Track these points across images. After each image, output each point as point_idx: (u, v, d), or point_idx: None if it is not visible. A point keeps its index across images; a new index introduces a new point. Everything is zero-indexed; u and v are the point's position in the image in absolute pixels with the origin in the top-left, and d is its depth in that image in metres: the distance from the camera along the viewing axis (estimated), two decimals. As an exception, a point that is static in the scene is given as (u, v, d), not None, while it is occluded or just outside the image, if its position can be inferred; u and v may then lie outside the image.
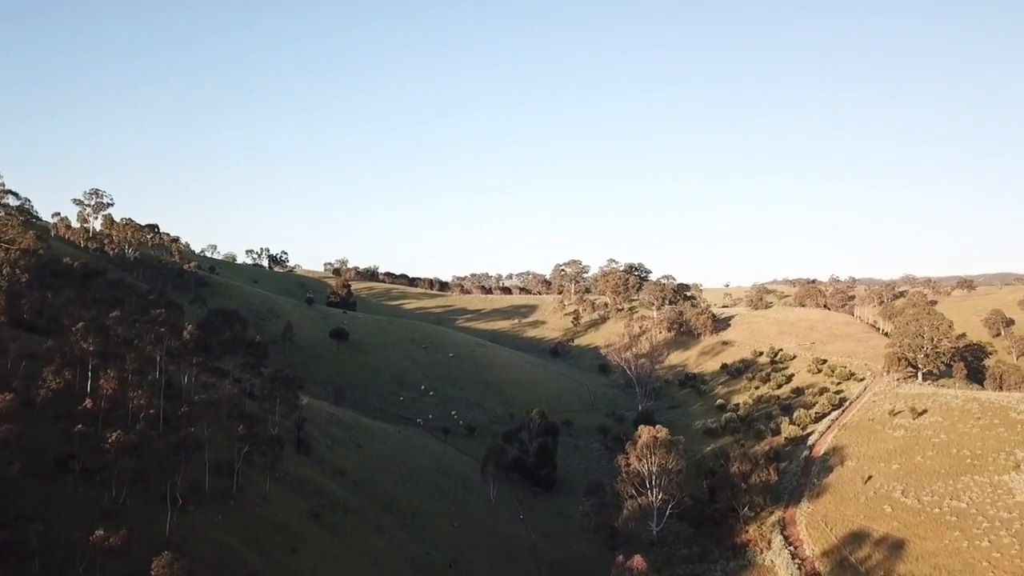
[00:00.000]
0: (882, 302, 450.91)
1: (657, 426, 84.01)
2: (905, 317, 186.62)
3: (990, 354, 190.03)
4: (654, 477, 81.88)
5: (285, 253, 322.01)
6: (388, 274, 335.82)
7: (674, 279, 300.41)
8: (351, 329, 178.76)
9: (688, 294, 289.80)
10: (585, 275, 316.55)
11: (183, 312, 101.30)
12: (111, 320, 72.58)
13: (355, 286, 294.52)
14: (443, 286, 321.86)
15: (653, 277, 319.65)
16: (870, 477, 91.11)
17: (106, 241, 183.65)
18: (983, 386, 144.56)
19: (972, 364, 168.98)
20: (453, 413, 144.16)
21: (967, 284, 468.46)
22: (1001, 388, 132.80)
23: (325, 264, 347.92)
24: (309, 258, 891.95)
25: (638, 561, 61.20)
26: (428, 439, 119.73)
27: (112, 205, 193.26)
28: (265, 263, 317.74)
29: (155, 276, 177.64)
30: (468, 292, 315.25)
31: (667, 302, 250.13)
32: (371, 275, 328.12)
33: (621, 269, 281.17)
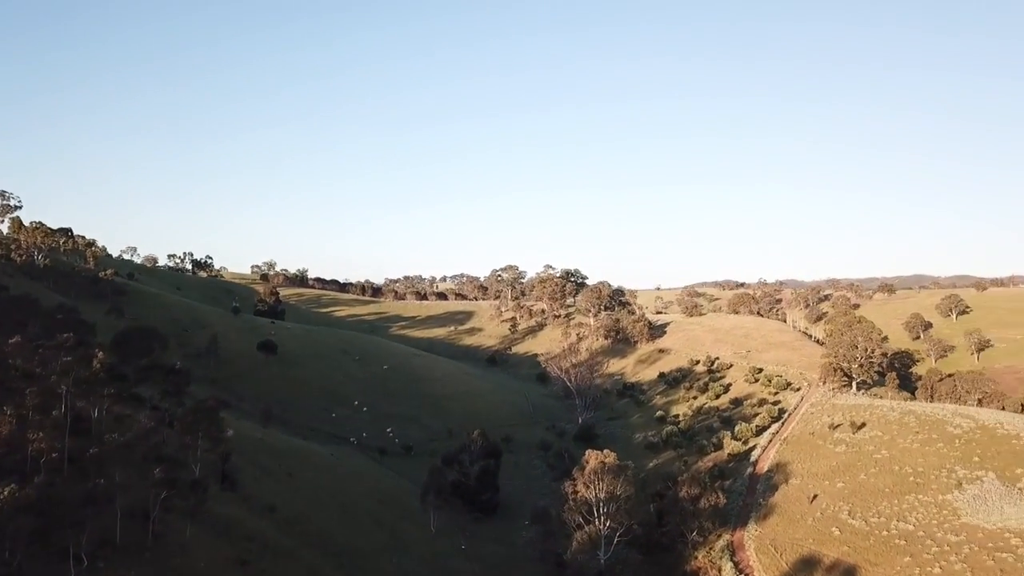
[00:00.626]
0: (808, 305, 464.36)
1: (605, 451, 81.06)
2: (836, 324, 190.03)
3: (917, 361, 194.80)
4: (602, 504, 78.84)
5: (210, 257, 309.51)
6: (318, 280, 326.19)
7: (610, 285, 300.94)
8: (280, 340, 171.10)
9: (624, 300, 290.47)
10: (522, 281, 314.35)
11: (95, 331, 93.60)
12: (10, 347, 65.28)
13: (284, 292, 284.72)
14: (376, 292, 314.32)
15: (589, 283, 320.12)
16: (816, 496, 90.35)
17: (13, 247, 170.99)
18: (914, 395, 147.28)
19: (901, 372, 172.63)
20: (389, 430, 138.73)
21: (888, 288, 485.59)
22: (932, 398, 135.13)
23: (252, 267, 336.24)
24: (236, 261, 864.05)
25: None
26: (363, 461, 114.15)
27: (20, 208, 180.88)
28: (189, 267, 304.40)
29: (68, 285, 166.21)
30: (402, 298, 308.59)
31: (603, 308, 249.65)
32: (300, 280, 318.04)
33: (558, 275, 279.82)
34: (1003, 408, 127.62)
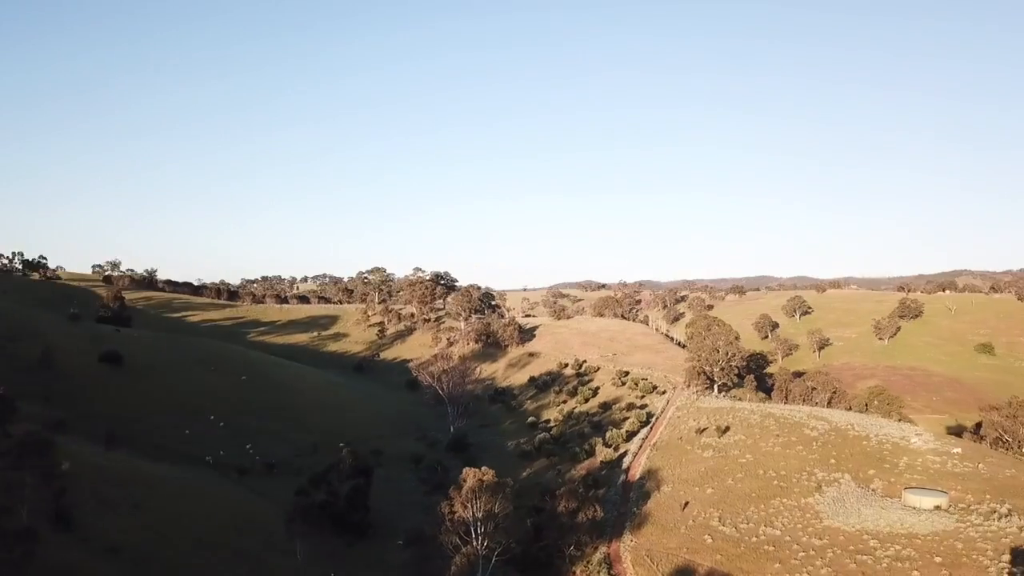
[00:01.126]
0: (666, 306, 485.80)
1: (483, 468, 78.35)
2: (696, 328, 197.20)
3: (771, 362, 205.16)
4: (480, 524, 76.13)
5: (44, 257, 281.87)
6: (169, 282, 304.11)
7: (480, 288, 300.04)
8: (126, 350, 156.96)
9: (493, 303, 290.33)
10: (390, 283, 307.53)
11: None
12: None
13: (131, 296, 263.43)
14: (232, 295, 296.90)
15: (459, 286, 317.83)
16: (687, 503, 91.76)
17: None
18: (771, 395, 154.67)
19: (757, 373, 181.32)
20: (249, 447, 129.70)
21: (738, 290, 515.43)
22: (787, 399, 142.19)
23: (94, 267, 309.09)
24: (75, 260, 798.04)
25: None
26: (221, 483, 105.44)
27: None
28: (19, 267, 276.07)
29: None
30: (261, 301, 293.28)
31: (474, 312, 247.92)
32: (149, 283, 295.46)
33: (427, 278, 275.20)
34: (850, 408, 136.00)
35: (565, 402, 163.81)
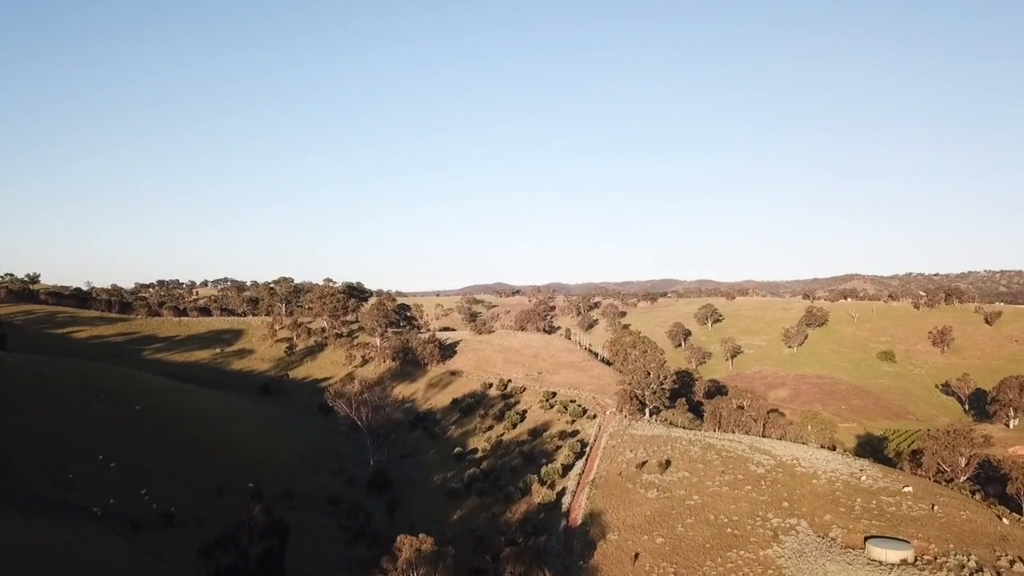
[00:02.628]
0: (579, 312, 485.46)
1: (421, 535, 69.04)
2: (622, 344, 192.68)
3: (696, 379, 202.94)
4: (417, 600, 66.96)
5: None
6: (53, 293, 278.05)
7: (394, 298, 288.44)
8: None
9: (409, 314, 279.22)
10: (298, 294, 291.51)
11: None
12: None
13: (7, 310, 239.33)
14: (125, 306, 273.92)
15: (372, 297, 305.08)
16: (637, 555, 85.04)
17: None
18: (702, 419, 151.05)
19: (686, 394, 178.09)
20: (143, 492, 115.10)
21: (650, 297, 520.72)
22: (720, 425, 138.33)
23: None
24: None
25: None
26: (109, 545, 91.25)
27: None
28: None
29: None
30: (157, 314, 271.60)
31: (390, 325, 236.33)
32: (28, 295, 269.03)
33: (339, 289, 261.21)
34: (784, 435, 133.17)
35: (491, 427, 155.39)
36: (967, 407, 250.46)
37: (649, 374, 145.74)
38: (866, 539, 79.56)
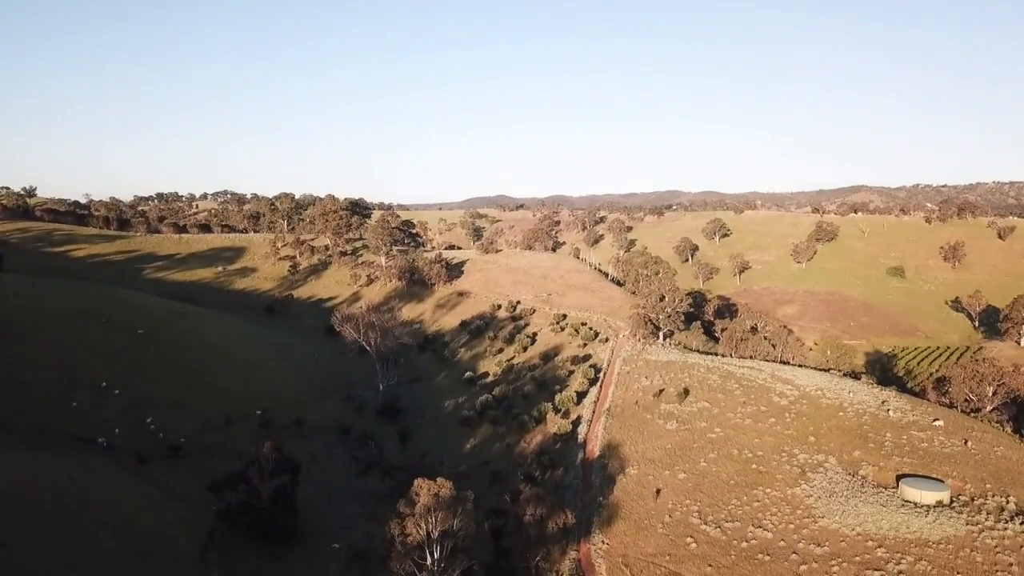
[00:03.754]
0: (585, 227, 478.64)
1: (438, 480, 65.96)
2: (634, 265, 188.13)
3: (708, 301, 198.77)
4: (436, 544, 64.46)
5: None
6: (49, 210, 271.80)
7: (397, 214, 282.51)
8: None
9: (414, 231, 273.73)
10: (300, 210, 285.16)
11: None
12: None
13: (1, 228, 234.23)
14: (124, 223, 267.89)
15: (374, 210, 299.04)
16: (659, 491, 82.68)
17: None
18: (717, 341, 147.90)
19: (700, 316, 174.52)
20: (149, 421, 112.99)
21: (657, 211, 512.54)
22: (737, 350, 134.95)
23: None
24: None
25: None
26: (116, 480, 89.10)
27: None
28: None
29: None
30: (157, 231, 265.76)
31: (394, 243, 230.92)
32: (24, 212, 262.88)
33: (342, 206, 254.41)
34: (804, 361, 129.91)
35: (501, 351, 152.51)
36: (977, 324, 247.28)
37: (664, 297, 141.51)
38: (898, 478, 76.85)
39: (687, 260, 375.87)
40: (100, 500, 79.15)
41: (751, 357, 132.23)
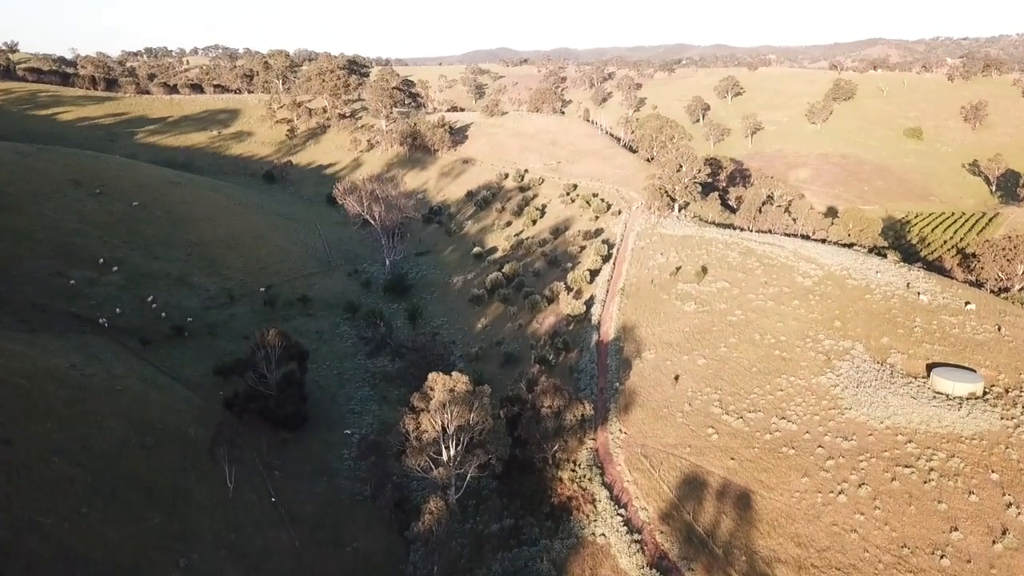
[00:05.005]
0: (592, 84, 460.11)
1: (453, 374, 63.09)
2: (647, 129, 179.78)
3: (724, 167, 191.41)
4: (452, 440, 62.53)
5: None
6: (32, 69, 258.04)
7: (398, 74, 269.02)
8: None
9: (414, 91, 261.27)
10: (296, 68, 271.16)
11: None
12: None
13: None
14: (111, 83, 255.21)
15: (372, 67, 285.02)
16: (678, 377, 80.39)
17: None
18: (734, 211, 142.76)
19: (715, 184, 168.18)
20: (150, 299, 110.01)
21: (668, 67, 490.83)
22: (755, 222, 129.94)
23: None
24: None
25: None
26: (119, 365, 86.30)
27: None
28: None
29: None
30: (147, 92, 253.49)
31: (395, 105, 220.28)
32: (5, 71, 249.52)
33: (339, 65, 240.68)
34: (826, 236, 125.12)
35: (510, 223, 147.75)
36: (994, 189, 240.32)
37: (681, 167, 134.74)
38: (929, 367, 74.06)
39: (698, 120, 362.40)
40: (104, 387, 76.92)
41: (769, 231, 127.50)
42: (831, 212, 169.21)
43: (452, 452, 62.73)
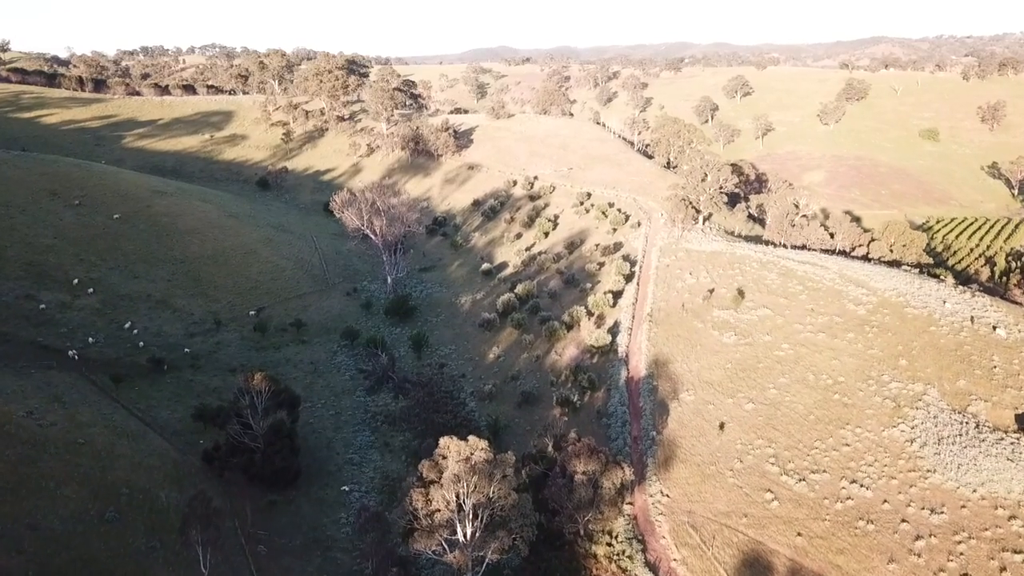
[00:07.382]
0: (597, 84, 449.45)
1: (470, 438, 52.90)
2: (664, 133, 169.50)
3: (745, 173, 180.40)
4: (467, 516, 52.29)
5: None
6: (16, 69, 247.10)
7: (398, 75, 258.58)
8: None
9: (416, 92, 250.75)
10: (292, 71, 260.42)
11: None
12: None
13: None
14: (100, 84, 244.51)
15: (371, 67, 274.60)
16: (723, 425, 70.23)
17: None
18: (759, 221, 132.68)
19: (737, 194, 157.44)
20: (128, 325, 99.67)
21: (674, 66, 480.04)
22: (787, 236, 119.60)
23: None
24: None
25: None
26: (85, 405, 75.99)
27: None
28: None
29: None
30: (137, 93, 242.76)
31: (396, 107, 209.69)
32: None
33: (338, 64, 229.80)
34: (867, 253, 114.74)
35: (520, 235, 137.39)
36: (1016, 192, 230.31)
37: (707, 176, 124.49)
38: (1018, 418, 63.84)
39: (707, 121, 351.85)
40: (64, 441, 66.50)
41: (804, 246, 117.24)
42: (853, 218, 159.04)
43: (469, 531, 52.49)
